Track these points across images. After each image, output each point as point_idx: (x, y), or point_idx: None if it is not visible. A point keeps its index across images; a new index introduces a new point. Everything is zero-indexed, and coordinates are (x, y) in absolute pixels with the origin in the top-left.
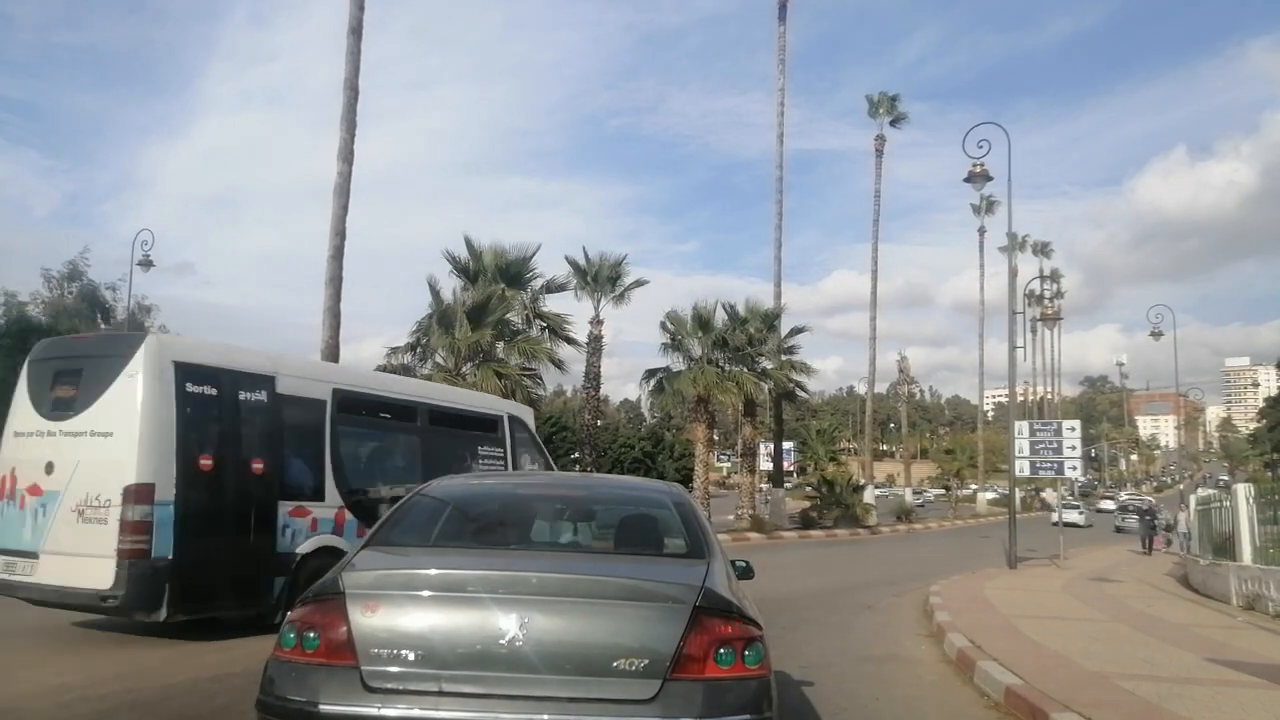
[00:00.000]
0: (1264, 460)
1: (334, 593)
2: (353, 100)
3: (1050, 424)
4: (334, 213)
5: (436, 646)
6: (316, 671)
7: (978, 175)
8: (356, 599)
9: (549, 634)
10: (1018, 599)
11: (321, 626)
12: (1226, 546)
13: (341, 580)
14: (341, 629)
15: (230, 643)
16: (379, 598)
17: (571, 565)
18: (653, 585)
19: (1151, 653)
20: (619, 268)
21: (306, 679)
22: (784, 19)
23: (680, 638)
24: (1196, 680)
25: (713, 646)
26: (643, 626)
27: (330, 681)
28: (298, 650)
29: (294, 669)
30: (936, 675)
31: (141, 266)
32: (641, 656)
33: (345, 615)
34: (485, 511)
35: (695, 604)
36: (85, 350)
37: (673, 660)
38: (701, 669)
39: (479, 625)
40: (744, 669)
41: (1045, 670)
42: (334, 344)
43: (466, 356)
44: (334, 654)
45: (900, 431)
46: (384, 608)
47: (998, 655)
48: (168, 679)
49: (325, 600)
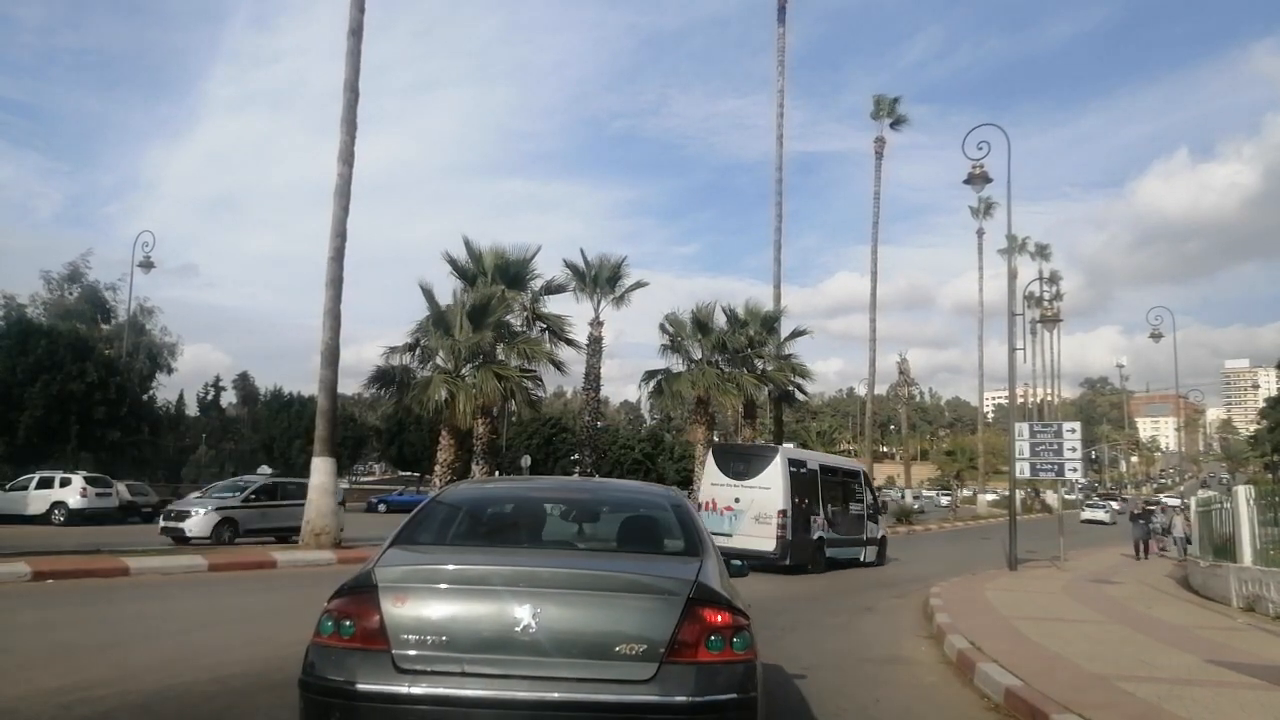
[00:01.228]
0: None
1: (368, 586)
2: (353, 102)
3: (1050, 425)
4: (334, 214)
5: (459, 633)
6: (353, 655)
7: (977, 177)
8: (388, 591)
9: (559, 622)
10: (1018, 601)
11: (357, 615)
12: (1227, 548)
13: (374, 575)
14: (375, 618)
15: (231, 644)
16: (408, 590)
17: (578, 561)
18: (651, 579)
19: (1152, 654)
20: (619, 269)
21: (344, 661)
22: (783, 20)
23: (675, 626)
24: (1197, 681)
25: (704, 634)
26: (642, 616)
27: (365, 663)
28: (335, 636)
29: (332, 653)
30: (937, 677)
31: (142, 268)
32: (640, 642)
33: (378, 606)
34: (500, 513)
35: (689, 596)
36: (751, 451)
37: (668, 645)
38: (694, 654)
39: (497, 614)
40: (732, 654)
41: (1045, 671)
42: (334, 346)
43: (466, 358)
44: (368, 640)
45: (900, 433)
46: (412, 599)
47: (998, 657)
48: (167, 680)
49: (360, 593)
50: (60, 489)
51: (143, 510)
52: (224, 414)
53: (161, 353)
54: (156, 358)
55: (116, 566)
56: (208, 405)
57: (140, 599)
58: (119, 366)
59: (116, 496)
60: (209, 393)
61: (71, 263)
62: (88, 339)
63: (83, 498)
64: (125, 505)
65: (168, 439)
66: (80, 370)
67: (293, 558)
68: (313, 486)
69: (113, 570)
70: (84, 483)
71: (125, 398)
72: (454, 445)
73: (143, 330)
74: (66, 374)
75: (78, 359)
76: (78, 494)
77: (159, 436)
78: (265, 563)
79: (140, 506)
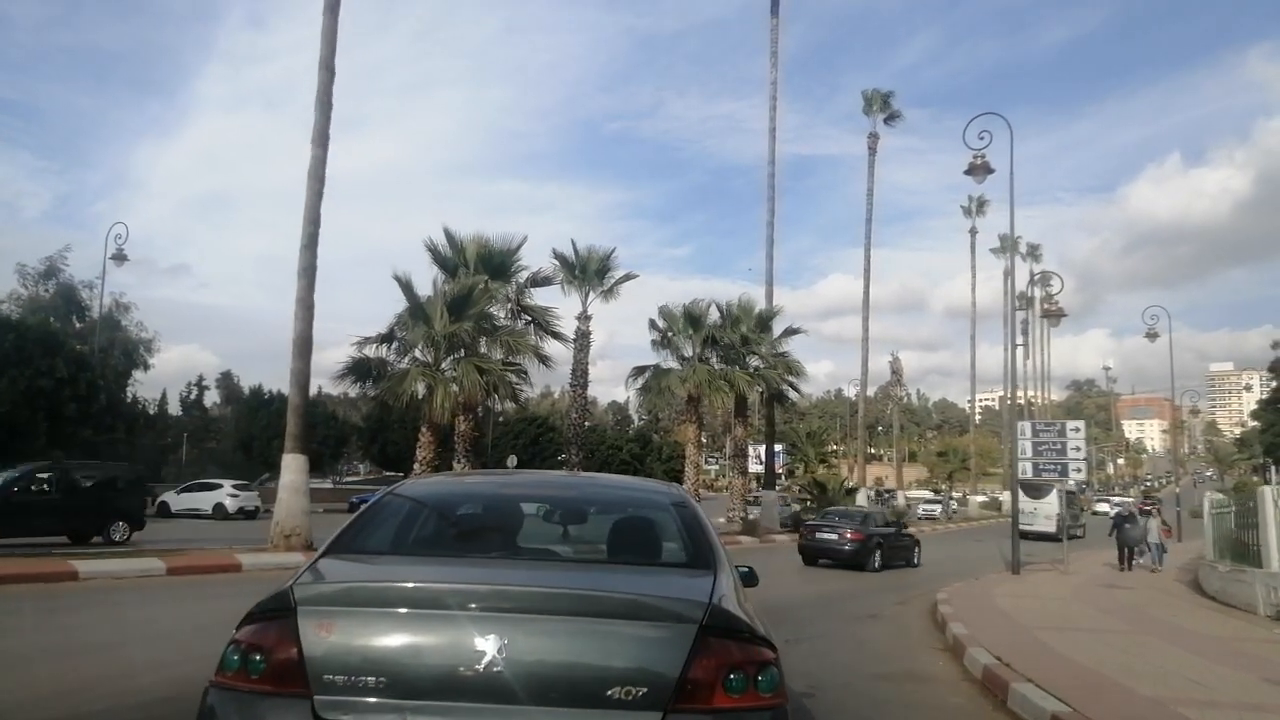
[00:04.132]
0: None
1: (283, 609)
2: (328, 81)
3: (1054, 424)
4: (308, 199)
5: (402, 672)
6: (261, 701)
7: (979, 167)
8: (309, 615)
9: (532, 656)
10: (1031, 607)
11: (269, 648)
12: (1249, 552)
13: (293, 594)
14: (291, 650)
15: (133, 668)
16: (335, 614)
17: (559, 578)
18: (653, 601)
19: (1199, 672)
20: (608, 261)
21: (250, 709)
22: (776, 12)
23: (685, 662)
24: (1267, 708)
25: (722, 672)
26: (641, 649)
27: (276, 712)
28: (241, 675)
29: (236, 698)
30: (963, 697)
31: (115, 261)
32: (640, 684)
33: (296, 635)
34: (464, 514)
35: (702, 623)
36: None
37: (676, 688)
38: (710, 698)
39: (452, 647)
40: (758, 697)
41: (1091, 694)
42: (306, 336)
43: (446, 350)
44: (282, 681)
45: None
46: (341, 626)
47: (1030, 674)
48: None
49: (273, 617)
50: None
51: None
52: (206, 413)
53: (137, 349)
54: (132, 354)
55: (65, 570)
56: (190, 404)
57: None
58: (91, 362)
59: None
60: (191, 392)
61: (48, 258)
62: (58, 334)
63: None
64: None
65: (146, 438)
66: (50, 366)
67: (259, 561)
68: (283, 485)
69: (60, 575)
70: None
71: (98, 395)
72: (434, 443)
73: (118, 326)
74: (35, 370)
75: (47, 354)
76: None
77: (135, 435)
78: (229, 566)
79: None
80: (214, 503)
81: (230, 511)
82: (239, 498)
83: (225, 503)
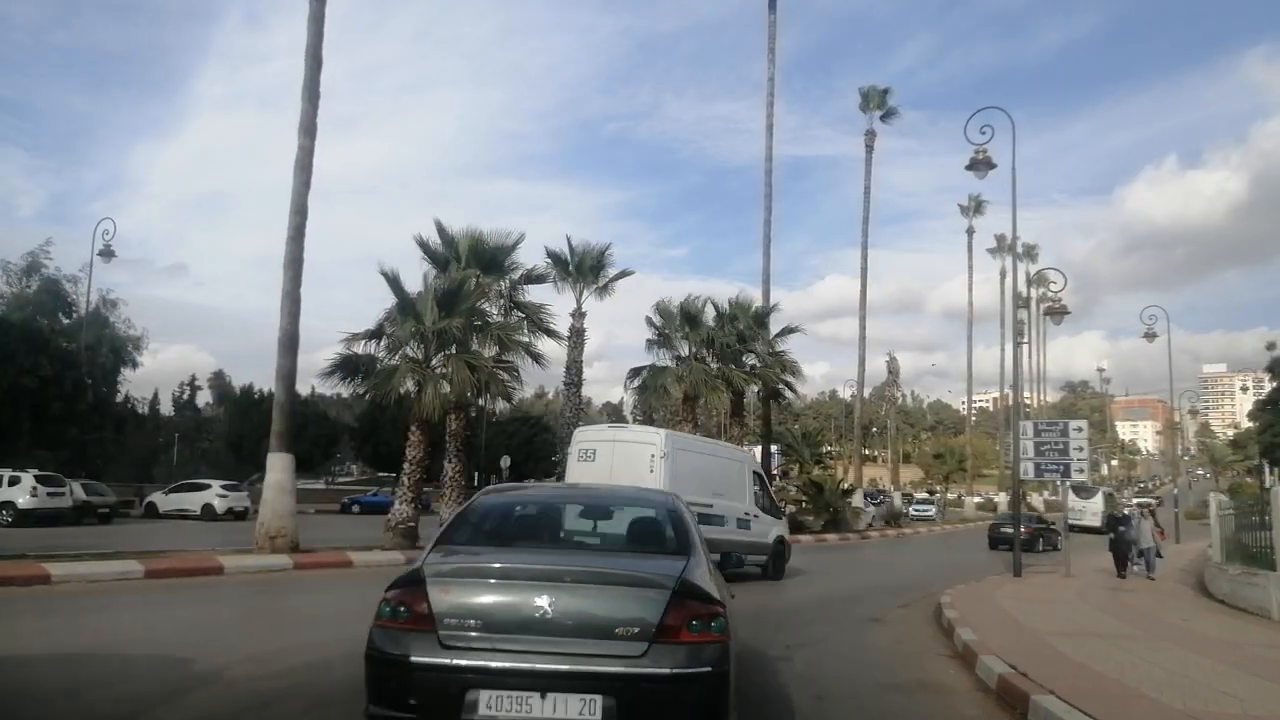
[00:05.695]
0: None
1: (418, 579)
2: (315, 70)
3: (1056, 424)
4: (294, 190)
5: (491, 617)
6: (406, 634)
7: (980, 162)
8: (434, 583)
9: (570, 608)
10: (1039, 611)
11: (409, 603)
12: (1262, 555)
13: (423, 570)
14: (423, 605)
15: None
16: (450, 583)
17: (586, 560)
18: (644, 574)
19: (1229, 683)
20: (603, 258)
21: (399, 639)
22: (774, 8)
23: (662, 613)
24: None
25: (686, 619)
26: (636, 604)
27: (416, 641)
28: (391, 620)
29: (390, 633)
30: (979, 710)
31: (102, 257)
32: (635, 625)
33: (426, 595)
34: (525, 515)
35: (674, 589)
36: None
37: (657, 628)
38: (678, 635)
39: (520, 602)
40: (710, 635)
41: (1119, 707)
42: (292, 332)
43: (437, 347)
44: (418, 622)
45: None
46: (453, 590)
47: (1050, 685)
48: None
49: (412, 585)
50: (8, 488)
51: (99, 511)
52: (199, 413)
53: (125, 347)
54: (120, 352)
55: (36, 573)
56: (183, 404)
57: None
58: (77, 360)
59: (70, 496)
60: (184, 392)
61: (30, 253)
62: (42, 331)
63: (32, 497)
64: (80, 506)
65: (135, 437)
66: (34, 364)
67: (242, 563)
68: (268, 485)
69: (31, 578)
70: (35, 481)
71: (84, 393)
72: (424, 442)
73: (106, 324)
74: (18, 368)
75: (31, 352)
76: (27, 493)
77: (124, 434)
78: (210, 568)
79: (97, 507)
80: (202, 503)
81: (219, 512)
82: (228, 498)
83: (214, 503)
